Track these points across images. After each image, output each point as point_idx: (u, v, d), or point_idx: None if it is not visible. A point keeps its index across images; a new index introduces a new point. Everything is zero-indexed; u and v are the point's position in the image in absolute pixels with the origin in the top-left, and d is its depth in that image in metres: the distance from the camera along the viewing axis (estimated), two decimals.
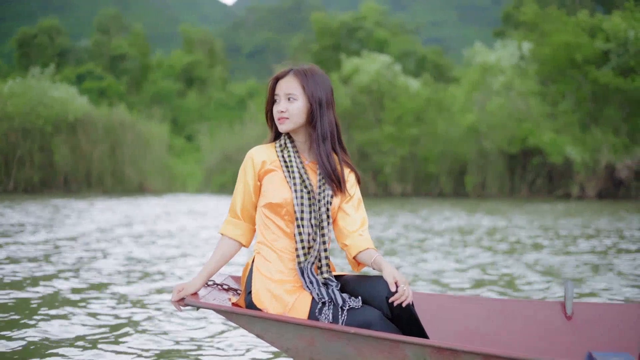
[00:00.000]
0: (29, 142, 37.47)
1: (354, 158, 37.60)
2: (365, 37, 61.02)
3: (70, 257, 9.25)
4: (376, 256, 3.30)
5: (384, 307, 3.16)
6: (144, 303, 5.98)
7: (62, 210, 20.49)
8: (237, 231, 3.41)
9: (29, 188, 37.81)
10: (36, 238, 11.62)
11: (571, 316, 3.74)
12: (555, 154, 35.12)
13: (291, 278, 3.33)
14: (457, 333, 3.75)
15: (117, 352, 4.34)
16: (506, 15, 59.79)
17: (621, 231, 14.13)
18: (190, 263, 8.85)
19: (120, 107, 41.76)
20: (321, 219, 3.35)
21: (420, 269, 8.43)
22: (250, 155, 3.43)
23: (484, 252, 10.30)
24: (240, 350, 4.49)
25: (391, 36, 61.69)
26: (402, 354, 2.91)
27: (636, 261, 9.24)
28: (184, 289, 3.27)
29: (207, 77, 68.11)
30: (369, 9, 62.88)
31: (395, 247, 11.05)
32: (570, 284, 3.73)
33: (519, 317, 3.78)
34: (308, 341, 3.07)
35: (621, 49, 35.97)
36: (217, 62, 70.18)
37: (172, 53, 70.04)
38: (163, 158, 42.98)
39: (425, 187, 39.95)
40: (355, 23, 61.51)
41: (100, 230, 13.58)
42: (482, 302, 3.85)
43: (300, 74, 3.40)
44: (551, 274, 8.02)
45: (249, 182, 3.41)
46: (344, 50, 61.66)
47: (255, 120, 43.78)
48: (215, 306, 3.14)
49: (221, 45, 73.51)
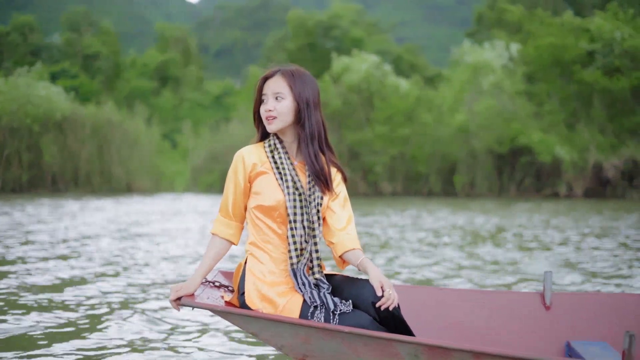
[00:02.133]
0: (17, 141, 36.96)
1: (344, 158, 37.72)
2: (341, 35, 61.05)
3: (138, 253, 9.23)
4: (362, 258, 3.36)
5: (371, 311, 3.21)
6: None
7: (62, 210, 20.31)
8: (230, 231, 3.44)
9: (16, 187, 37.31)
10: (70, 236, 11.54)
11: (550, 306, 3.83)
12: (544, 153, 35.53)
13: (283, 279, 3.37)
14: (438, 325, 3.82)
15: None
16: (479, 15, 59.92)
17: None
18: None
19: (108, 106, 41.32)
20: (312, 220, 3.40)
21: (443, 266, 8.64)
22: (240, 156, 3.44)
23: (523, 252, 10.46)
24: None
25: (366, 35, 61.82)
26: (395, 352, 2.96)
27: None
28: (181, 288, 3.28)
29: (182, 76, 67.65)
30: (345, 8, 62.91)
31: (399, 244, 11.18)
32: (549, 275, 3.81)
33: (499, 308, 3.85)
34: (303, 339, 3.11)
35: (607, 49, 36.52)
36: (191, 61, 69.72)
37: (146, 51, 69.36)
38: (151, 157, 42.60)
39: (414, 186, 40.15)
40: (331, 22, 61.51)
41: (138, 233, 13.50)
42: (462, 293, 3.90)
43: (288, 74, 3.44)
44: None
45: (240, 183, 3.43)
46: (320, 49, 61.75)
47: (242, 119, 43.64)
48: (212, 306, 3.18)
49: (195, 44, 73.06)
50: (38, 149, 37.67)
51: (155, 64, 66.33)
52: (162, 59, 66.40)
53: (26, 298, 6.03)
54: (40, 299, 5.98)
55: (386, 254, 9.95)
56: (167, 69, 66.77)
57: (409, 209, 23.51)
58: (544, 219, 17.94)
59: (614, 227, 14.98)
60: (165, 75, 67.03)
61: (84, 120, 39.13)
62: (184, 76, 67.66)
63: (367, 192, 39.80)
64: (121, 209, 22.32)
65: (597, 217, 18.82)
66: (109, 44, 65.69)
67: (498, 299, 3.88)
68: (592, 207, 25.58)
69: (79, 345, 4.49)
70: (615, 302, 3.85)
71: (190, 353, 4.40)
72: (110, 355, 4.26)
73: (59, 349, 4.39)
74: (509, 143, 36.89)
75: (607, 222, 16.62)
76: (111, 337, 4.72)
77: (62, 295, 6.20)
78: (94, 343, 4.55)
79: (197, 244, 11.35)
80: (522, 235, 13.08)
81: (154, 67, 66.45)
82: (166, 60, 66.57)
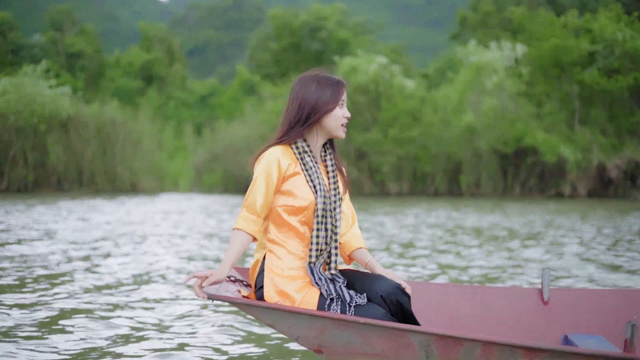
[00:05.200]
0: (22, 140, 36.52)
1: (351, 158, 37.88)
2: (327, 37, 61.09)
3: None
4: (369, 259, 3.63)
5: (382, 305, 3.38)
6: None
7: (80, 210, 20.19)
8: (255, 227, 3.48)
9: (22, 187, 36.87)
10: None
11: (548, 301, 4.00)
12: (549, 154, 35.92)
13: (301, 274, 3.49)
14: (439, 319, 3.97)
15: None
16: (462, 18, 60.24)
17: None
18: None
19: (111, 105, 40.97)
20: (336, 220, 3.56)
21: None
22: (275, 157, 3.50)
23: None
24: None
25: (352, 36, 61.91)
26: (408, 342, 3.14)
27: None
28: (211, 275, 3.32)
29: (166, 75, 67.19)
30: (330, 8, 62.94)
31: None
32: (547, 271, 3.99)
33: (498, 303, 4.01)
34: (319, 330, 3.26)
35: (607, 50, 37.04)
36: (175, 60, 69.27)
37: (128, 50, 68.65)
38: (154, 157, 42.29)
39: (420, 186, 40.40)
40: (317, 23, 61.51)
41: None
42: (462, 289, 4.06)
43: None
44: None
45: (272, 183, 3.49)
46: (304, 50, 61.72)
47: (245, 119, 43.65)
48: (233, 299, 3.33)
49: (179, 43, 72.60)
50: (44, 149, 37.25)
51: (140, 63, 65.75)
52: (146, 58, 65.84)
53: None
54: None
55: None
56: (151, 68, 66.24)
57: (439, 209, 23.71)
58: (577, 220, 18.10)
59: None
60: (149, 75, 66.49)
61: (88, 119, 38.76)
62: (168, 75, 67.21)
63: (373, 192, 39.95)
64: (162, 207, 22.21)
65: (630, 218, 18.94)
66: (92, 42, 65.04)
67: (497, 294, 4.04)
68: (608, 206, 25.95)
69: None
70: (612, 298, 4.01)
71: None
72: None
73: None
74: (514, 143, 37.26)
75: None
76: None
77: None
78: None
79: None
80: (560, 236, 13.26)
81: (139, 66, 65.87)
82: (151, 60, 66.04)
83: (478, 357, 3.09)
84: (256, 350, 4.48)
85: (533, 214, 20.51)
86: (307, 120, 3.54)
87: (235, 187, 42.05)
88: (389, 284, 3.42)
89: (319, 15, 61.76)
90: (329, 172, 3.63)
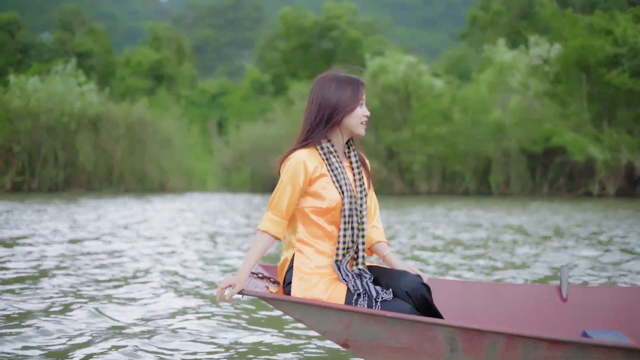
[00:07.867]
0: (52, 139, 36.37)
1: (381, 157, 37.95)
2: (339, 36, 61.19)
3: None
4: (387, 252, 3.75)
5: (407, 300, 3.47)
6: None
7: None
8: (279, 229, 3.55)
9: (52, 187, 36.71)
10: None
11: (566, 298, 4.07)
12: (578, 153, 36.08)
13: (329, 271, 3.56)
14: (460, 315, 4.03)
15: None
16: (473, 17, 60.53)
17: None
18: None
19: (140, 104, 40.85)
20: (362, 218, 3.63)
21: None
22: (302, 161, 3.53)
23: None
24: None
25: (363, 36, 62.04)
26: (433, 335, 3.24)
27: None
28: (235, 284, 3.42)
29: (176, 75, 67.06)
30: (341, 8, 63.06)
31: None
32: (566, 269, 4.06)
33: (517, 300, 4.08)
34: (346, 325, 3.35)
35: (632, 52, 37.19)
36: (185, 59, 69.14)
37: (139, 50, 68.46)
38: (183, 156, 42.17)
39: (449, 185, 40.53)
40: (328, 23, 61.63)
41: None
42: (483, 286, 4.13)
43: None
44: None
45: (299, 186, 3.53)
46: (314, 49, 61.78)
47: (268, 120, 43.67)
48: (264, 294, 3.46)
49: (188, 43, 72.46)
50: (73, 148, 37.12)
51: (150, 62, 65.61)
52: (156, 58, 65.71)
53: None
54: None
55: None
56: (161, 67, 66.09)
57: (493, 209, 23.78)
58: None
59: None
60: (159, 74, 66.34)
61: (117, 118, 38.64)
62: (178, 74, 67.09)
63: (403, 191, 40.04)
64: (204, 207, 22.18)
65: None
66: (101, 42, 64.82)
67: (517, 291, 4.11)
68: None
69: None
70: (630, 295, 4.08)
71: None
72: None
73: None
74: (543, 143, 37.41)
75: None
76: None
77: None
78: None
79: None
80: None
81: (149, 66, 65.73)
82: (160, 59, 65.90)
83: (501, 350, 3.17)
84: (256, 350, 4.53)
85: (580, 212, 20.52)
86: (328, 121, 3.57)
87: (262, 188, 42.02)
88: (413, 279, 3.50)
89: (330, 14, 61.87)
90: (353, 168, 3.68)
